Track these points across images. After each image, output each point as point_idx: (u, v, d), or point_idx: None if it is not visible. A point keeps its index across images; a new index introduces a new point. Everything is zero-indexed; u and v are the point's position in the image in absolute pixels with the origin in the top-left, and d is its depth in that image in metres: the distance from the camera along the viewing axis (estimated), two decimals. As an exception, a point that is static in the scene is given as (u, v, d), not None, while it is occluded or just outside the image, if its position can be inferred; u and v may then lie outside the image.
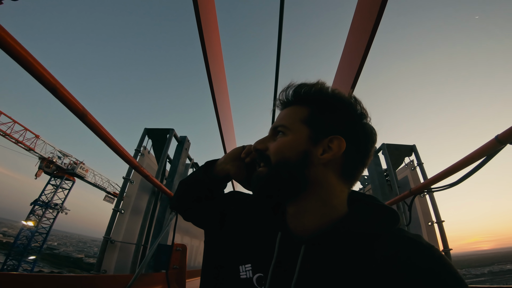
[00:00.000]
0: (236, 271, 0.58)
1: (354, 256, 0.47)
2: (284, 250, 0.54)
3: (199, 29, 1.47)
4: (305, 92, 0.59)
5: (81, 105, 0.94)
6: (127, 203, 2.23)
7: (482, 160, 1.21)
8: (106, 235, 1.98)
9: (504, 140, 1.06)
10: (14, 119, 22.95)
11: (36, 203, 25.03)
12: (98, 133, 1.07)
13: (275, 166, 0.55)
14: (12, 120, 22.86)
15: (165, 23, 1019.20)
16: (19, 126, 23.41)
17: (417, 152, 2.66)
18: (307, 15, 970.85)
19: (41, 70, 0.75)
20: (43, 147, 25.17)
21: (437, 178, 1.53)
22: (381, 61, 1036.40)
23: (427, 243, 0.46)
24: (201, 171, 0.74)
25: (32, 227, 24.48)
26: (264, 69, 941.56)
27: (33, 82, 0.78)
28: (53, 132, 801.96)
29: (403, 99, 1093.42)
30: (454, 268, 0.42)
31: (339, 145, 0.53)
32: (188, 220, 0.78)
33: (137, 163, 1.46)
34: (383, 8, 1.34)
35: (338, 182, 0.55)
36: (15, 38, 0.64)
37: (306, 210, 0.54)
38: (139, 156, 2.36)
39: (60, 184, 26.23)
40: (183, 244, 2.42)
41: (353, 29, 1.94)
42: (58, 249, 62.21)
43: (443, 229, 2.25)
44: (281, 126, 0.58)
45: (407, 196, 1.91)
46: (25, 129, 23.69)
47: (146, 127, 2.50)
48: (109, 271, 1.94)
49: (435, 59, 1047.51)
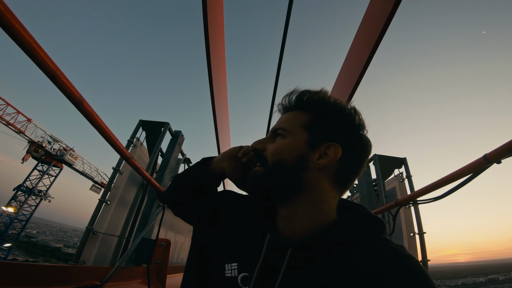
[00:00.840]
0: (221, 269, 0.58)
1: (338, 263, 0.48)
2: (272, 252, 0.55)
3: (205, 30, 1.47)
4: (308, 98, 0.60)
5: (79, 92, 0.94)
6: (114, 194, 2.18)
7: (468, 177, 1.26)
8: (89, 225, 1.93)
9: (491, 159, 1.10)
10: (8, 102, 22.27)
11: (19, 188, 24.18)
12: (92, 122, 1.06)
13: (272, 167, 0.56)
14: (5, 103, 22.16)
15: (171, 22, 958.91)
16: (12, 109, 22.74)
17: (407, 165, 2.72)
18: (313, 23, 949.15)
19: (43, 56, 0.75)
20: (34, 130, 24.47)
21: (424, 191, 1.57)
22: (380, 74, 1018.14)
23: (409, 254, 0.48)
24: (197, 167, 0.74)
25: (12, 214, 23.57)
26: (264, 74, 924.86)
27: (33, 67, 0.76)
28: (47, 117, 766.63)
29: (399, 113, 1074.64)
30: (431, 280, 0.43)
31: (335, 152, 0.55)
32: (178, 215, 0.78)
33: (128, 154, 1.44)
34: (391, 18, 1.35)
35: (330, 188, 0.56)
36: (20, 21, 0.62)
37: (297, 213, 0.55)
38: (131, 147, 2.32)
39: (47, 170, 25.45)
40: (167, 239, 2.39)
41: (359, 35, 1.97)
42: (37, 238, 59.98)
43: (424, 240, 2.32)
44: (281, 129, 0.59)
45: (393, 207, 1.95)
46: (17, 112, 23.00)
47: (141, 119, 2.48)
48: (88, 263, 1.89)
49: (435, 75, 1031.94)
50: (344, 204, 0.60)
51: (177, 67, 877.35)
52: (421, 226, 2.36)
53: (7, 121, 22.35)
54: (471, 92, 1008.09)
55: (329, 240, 0.50)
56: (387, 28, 1.36)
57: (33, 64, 0.75)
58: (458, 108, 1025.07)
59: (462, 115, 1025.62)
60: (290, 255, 0.52)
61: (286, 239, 0.56)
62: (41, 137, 24.87)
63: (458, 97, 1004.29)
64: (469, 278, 74.25)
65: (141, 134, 2.50)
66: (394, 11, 1.27)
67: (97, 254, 1.99)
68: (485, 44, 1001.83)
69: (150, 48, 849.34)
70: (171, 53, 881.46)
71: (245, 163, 0.67)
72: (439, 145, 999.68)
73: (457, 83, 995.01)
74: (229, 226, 0.66)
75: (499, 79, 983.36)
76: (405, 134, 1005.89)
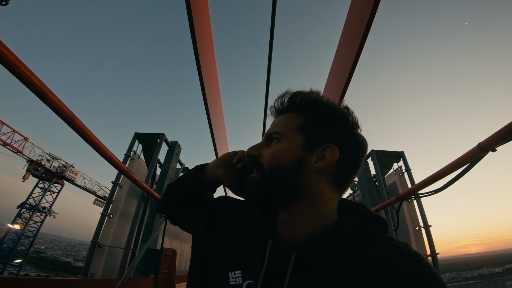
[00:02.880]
0: (225, 277, 0.56)
1: (345, 263, 0.47)
2: (274, 257, 0.54)
3: (191, 32, 1.47)
4: (300, 100, 0.59)
5: (69, 109, 0.94)
6: (116, 208, 2.20)
7: (466, 167, 1.25)
8: (93, 239, 1.95)
9: (486, 148, 1.09)
10: (3, 121, 22.40)
11: (23, 206, 24.43)
12: (85, 138, 1.06)
13: (269, 173, 0.55)
14: (0, 122, 22.27)
15: (157, 26, 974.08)
16: (7, 128, 22.85)
17: (405, 158, 2.69)
18: (298, 26, 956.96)
19: (29, 74, 0.75)
20: (32, 149, 24.68)
21: (423, 184, 1.56)
22: (370, 68, 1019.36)
23: (414, 251, 0.47)
24: (190, 175, 0.73)
25: (18, 230, 23.84)
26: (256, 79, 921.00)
27: (21, 85, 0.76)
28: (43, 134, 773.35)
29: (393, 107, 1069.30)
30: (439, 277, 0.43)
31: (332, 153, 0.54)
32: (175, 224, 0.77)
33: (125, 168, 1.45)
34: (373, 14, 1.36)
35: (330, 190, 0.55)
36: (1, 41, 0.63)
37: (298, 217, 0.54)
38: (128, 161, 2.34)
39: (48, 187, 25.72)
40: (173, 249, 2.40)
41: (344, 35, 1.98)
42: (46, 253, 60.40)
43: (430, 233, 2.28)
44: (276, 133, 0.58)
45: (394, 202, 1.94)
46: (13, 131, 23.13)
47: (136, 132, 2.50)
48: (97, 275, 1.91)
49: (426, 67, 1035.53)
50: (344, 204, 0.59)
51: (168, 76, 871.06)
52: (426, 219, 2.33)
53: (4, 141, 22.46)
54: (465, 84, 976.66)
55: (332, 242, 0.50)
56: (372, 21, 1.37)
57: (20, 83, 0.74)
58: (451, 100, 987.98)
59: (456, 107, 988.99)
60: (295, 260, 0.51)
61: (288, 243, 0.55)
62: (40, 156, 25.10)
63: (452, 90, 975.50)
64: (485, 268, 72.94)
65: (138, 147, 2.51)
66: (377, 5, 1.28)
67: (105, 266, 2.01)
68: (470, 35, 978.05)
69: (140, 63, 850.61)
70: (162, 67, 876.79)
71: (240, 169, 0.65)
72: (435, 138, 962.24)
73: (451, 75, 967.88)
74: (229, 233, 0.65)
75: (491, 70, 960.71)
76: (400, 128, 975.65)
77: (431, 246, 2.23)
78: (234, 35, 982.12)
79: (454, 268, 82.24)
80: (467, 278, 65.63)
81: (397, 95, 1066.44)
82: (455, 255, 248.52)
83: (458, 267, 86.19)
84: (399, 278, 0.42)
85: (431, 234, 2.28)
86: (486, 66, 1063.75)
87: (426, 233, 2.30)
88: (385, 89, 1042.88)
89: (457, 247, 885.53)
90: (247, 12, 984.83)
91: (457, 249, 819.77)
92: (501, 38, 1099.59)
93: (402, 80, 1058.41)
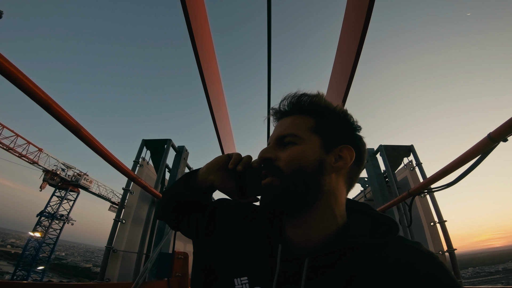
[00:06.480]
0: (230, 284, 0.53)
1: (360, 266, 0.47)
2: (285, 262, 0.52)
3: (190, 37, 1.49)
4: (310, 103, 0.59)
5: (75, 120, 0.96)
6: (128, 213, 2.25)
7: (478, 158, 1.21)
8: (108, 244, 2.00)
9: (496, 138, 1.05)
10: (17, 133, 23.28)
11: (42, 214, 25.30)
12: (92, 147, 1.08)
13: (291, 176, 0.52)
14: (15, 134, 23.17)
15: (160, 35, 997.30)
16: (22, 139, 23.75)
17: (415, 152, 2.62)
18: (296, 27, 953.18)
19: (32, 86, 0.76)
20: (47, 160, 25.56)
21: (434, 178, 1.51)
22: (374, 63, 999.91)
23: (427, 250, 0.48)
24: (181, 183, 0.70)
25: (39, 238, 24.70)
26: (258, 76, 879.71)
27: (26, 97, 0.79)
28: (56, 145, 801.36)
29: (398, 102, 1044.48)
30: (453, 275, 0.44)
31: (349, 153, 0.55)
32: (176, 230, 0.75)
33: (134, 174, 1.48)
34: (372, 4, 1.34)
35: (344, 190, 0.57)
36: (3, 55, 0.65)
37: (316, 220, 0.53)
38: (138, 168, 2.39)
39: (65, 195, 26.55)
40: (185, 252, 2.43)
41: (344, 29, 1.95)
42: (66, 259, 62.53)
43: (446, 229, 2.21)
44: (291, 136, 0.56)
45: (406, 198, 1.89)
46: (28, 142, 24.03)
47: (144, 138, 2.55)
48: (113, 280, 1.96)
49: (431, 60, 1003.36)
50: (349, 204, 0.59)
51: (173, 84, 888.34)
52: (440, 214, 2.26)
53: (19, 152, 23.32)
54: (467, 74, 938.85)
55: (345, 245, 0.50)
56: (371, 10, 1.34)
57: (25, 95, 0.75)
58: (456, 92, 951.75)
59: (462, 98, 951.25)
60: (309, 264, 0.49)
61: (299, 248, 0.53)
62: (55, 165, 26.01)
63: (456, 80, 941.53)
64: (510, 262, 69.87)
65: (147, 153, 2.57)
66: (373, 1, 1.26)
67: (121, 271, 2.06)
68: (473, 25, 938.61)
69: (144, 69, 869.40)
70: (164, 72, 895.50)
71: (240, 173, 0.61)
72: (444, 130, 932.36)
73: (453, 67, 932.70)
74: (231, 237, 0.61)
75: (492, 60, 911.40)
76: (408, 122, 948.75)
77: (448, 241, 2.15)
78: (233, 36, 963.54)
79: (477, 263, 79.31)
80: (491, 273, 63.13)
81: (401, 89, 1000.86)
82: (477, 249, 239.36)
83: (481, 261, 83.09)
84: (415, 274, 0.43)
85: (446, 229, 2.21)
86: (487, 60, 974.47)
87: (441, 229, 2.23)
88: (388, 84, 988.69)
89: (479, 241, 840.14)
90: (247, 12, 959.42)
91: (480, 243, 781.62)
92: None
93: (404, 75, 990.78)
